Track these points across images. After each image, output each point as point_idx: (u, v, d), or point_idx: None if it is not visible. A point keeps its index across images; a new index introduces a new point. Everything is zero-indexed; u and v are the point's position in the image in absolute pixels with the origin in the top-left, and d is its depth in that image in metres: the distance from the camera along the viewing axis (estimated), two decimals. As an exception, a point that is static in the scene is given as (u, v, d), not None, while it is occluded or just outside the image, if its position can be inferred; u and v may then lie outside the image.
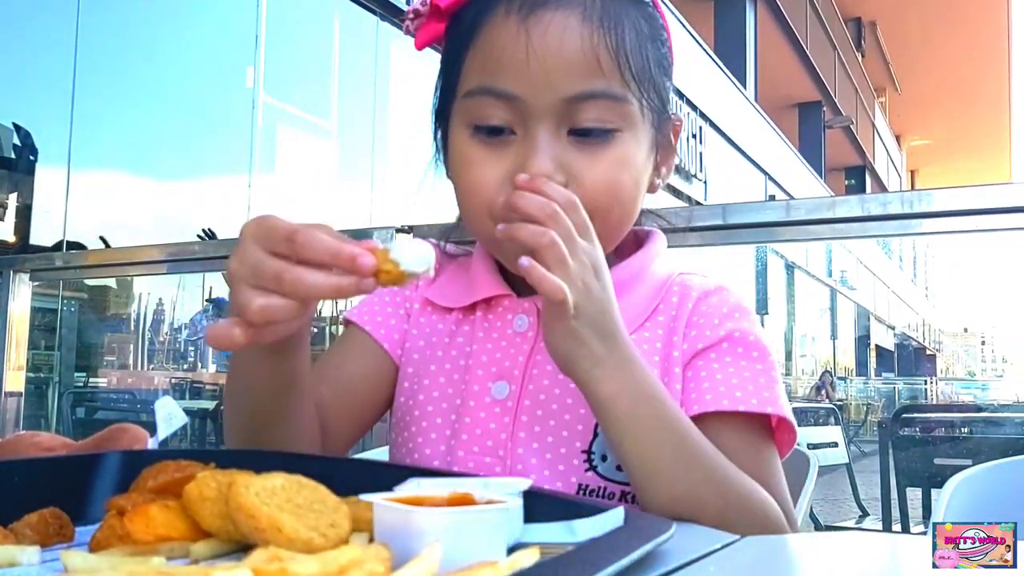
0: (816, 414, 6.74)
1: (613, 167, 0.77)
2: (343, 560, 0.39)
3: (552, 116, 0.76)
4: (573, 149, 0.76)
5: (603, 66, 0.75)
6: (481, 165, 0.78)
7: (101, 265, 2.81)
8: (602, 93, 0.76)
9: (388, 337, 0.90)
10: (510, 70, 0.75)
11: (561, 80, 0.75)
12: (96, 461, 0.63)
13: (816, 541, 0.53)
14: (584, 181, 0.76)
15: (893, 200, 1.55)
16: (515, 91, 0.75)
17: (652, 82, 0.79)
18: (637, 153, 0.79)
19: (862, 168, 26.43)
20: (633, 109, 0.78)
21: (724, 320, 0.81)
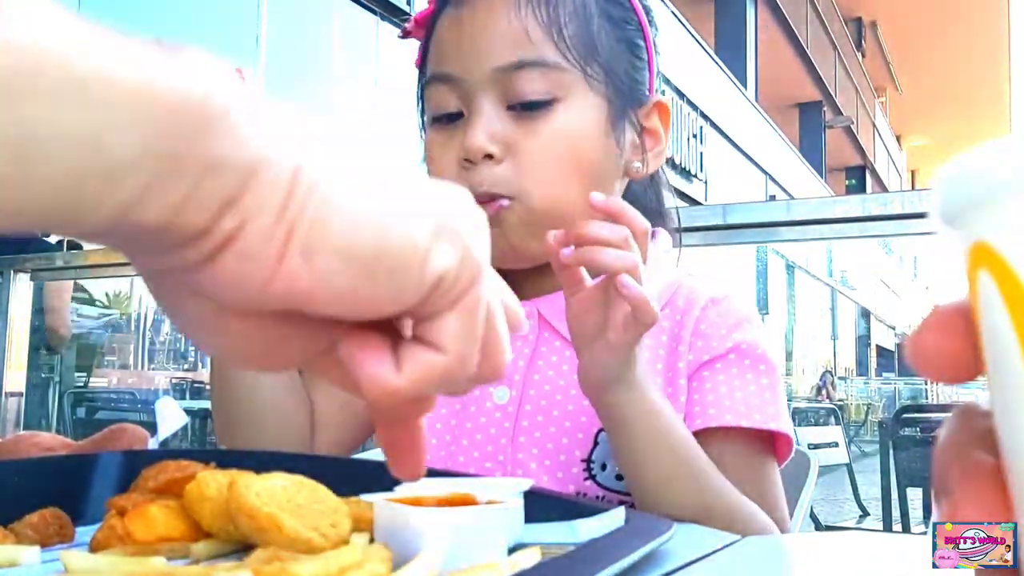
0: (817, 414, 6.73)
1: (551, 138, 0.77)
2: (344, 560, 0.39)
3: (488, 91, 0.77)
4: (512, 123, 0.77)
5: (532, 37, 0.77)
6: (437, 151, 0.81)
7: (102, 265, 2.80)
8: (532, 61, 0.76)
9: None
10: (449, 53, 0.80)
11: (490, 53, 0.77)
12: (96, 461, 0.63)
13: (817, 541, 0.53)
14: (520, 152, 0.77)
15: (894, 200, 1.55)
16: (453, 71, 0.79)
17: (597, 53, 0.79)
18: (582, 123, 0.79)
19: (863, 168, 26.43)
20: (572, 77, 0.78)
21: (731, 331, 0.81)
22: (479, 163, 0.76)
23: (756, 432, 0.77)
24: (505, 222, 0.77)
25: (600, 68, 0.79)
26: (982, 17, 23.84)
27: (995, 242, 0.24)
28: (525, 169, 0.77)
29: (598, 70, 0.79)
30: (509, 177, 0.77)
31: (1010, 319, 0.24)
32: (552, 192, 0.78)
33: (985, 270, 0.25)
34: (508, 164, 0.77)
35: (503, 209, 0.77)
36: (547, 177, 0.77)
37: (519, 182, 0.77)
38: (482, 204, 0.75)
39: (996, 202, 0.24)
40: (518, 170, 0.77)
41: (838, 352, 22.30)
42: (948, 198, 0.26)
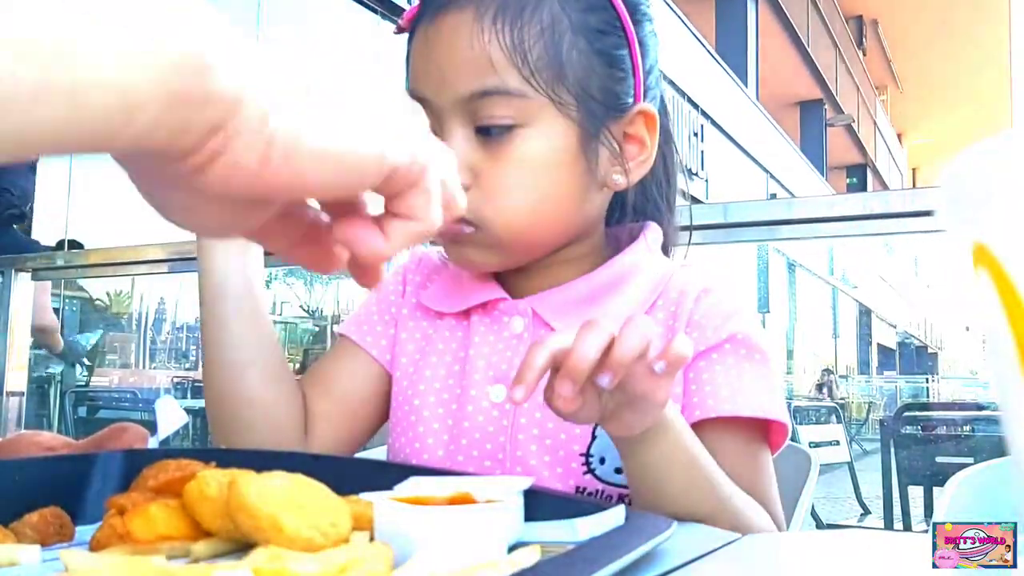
0: (818, 412, 6.73)
1: (514, 166, 0.77)
2: (343, 559, 0.39)
3: (457, 116, 0.77)
4: (480, 149, 0.77)
5: (495, 63, 0.75)
6: None
7: (103, 264, 2.80)
8: (495, 90, 0.75)
9: (376, 344, 0.90)
10: (419, 75, 0.79)
11: (456, 80, 0.76)
12: (96, 460, 0.63)
13: (817, 539, 0.53)
14: (483, 179, 0.77)
15: (895, 198, 1.55)
16: (424, 94, 0.78)
17: (564, 75, 0.77)
18: (546, 151, 0.77)
19: (864, 166, 26.43)
20: (538, 104, 0.76)
21: (726, 321, 0.81)
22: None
23: (751, 422, 0.78)
24: (465, 244, 0.79)
25: (569, 91, 0.77)
26: (983, 15, 23.82)
27: (990, 243, 0.24)
28: (488, 197, 0.77)
29: (567, 94, 0.77)
30: (472, 204, 0.74)
31: (1006, 319, 0.24)
32: (514, 220, 0.78)
33: (984, 270, 0.25)
34: (474, 191, 0.76)
35: (462, 235, 0.78)
36: (509, 205, 0.77)
37: (481, 210, 0.77)
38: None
39: (991, 204, 0.24)
40: (482, 197, 0.76)
41: (839, 350, 22.30)
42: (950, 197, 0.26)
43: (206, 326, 0.84)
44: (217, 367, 0.83)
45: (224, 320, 0.82)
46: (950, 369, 30.25)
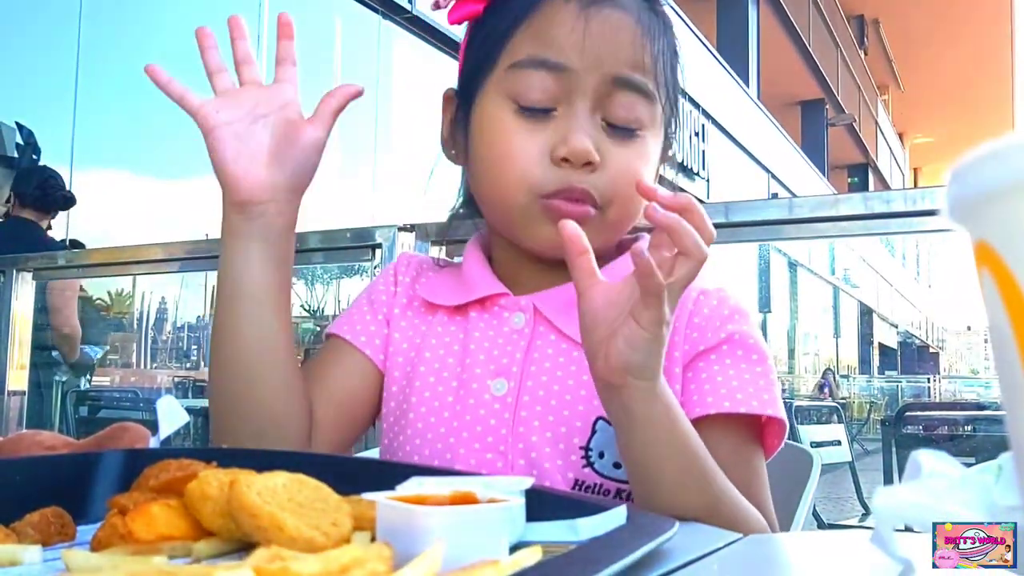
0: (819, 412, 6.73)
1: (638, 159, 0.82)
2: (345, 559, 0.39)
3: (593, 96, 0.79)
4: (604, 134, 0.80)
5: (644, 65, 0.81)
6: (521, 136, 0.81)
7: (104, 264, 2.81)
8: (641, 85, 0.80)
9: (370, 344, 0.90)
10: (565, 45, 0.79)
11: (612, 60, 0.79)
12: (98, 460, 0.63)
13: (819, 539, 0.53)
14: (612, 166, 0.80)
15: (896, 198, 1.55)
16: (567, 63, 0.79)
17: (674, 91, 0.86)
18: (654, 155, 0.84)
19: (865, 166, 26.42)
20: (658, 111, 0.83)
21: (725, 322, 0.82)
22: (578, 167, 0.79)
23: (747, 420, 0.79)
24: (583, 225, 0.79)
25: (671, 104, 0.86)
26: (985, 14, 23.81)
27: (993, 242, 0.25)
28: (614, 181, 0.80)
29: (671, 107, 0.86)
30: (601, 186, 0.80)
31: (1008, 317, 0.24)
32: (629, 209, 0.82)
33: (986, 268, 0.25)
34: (600, 173, 0.80)
35: (588, 215, 0.80)
36: (629, 197, 0.81)
37: (607, 193, 0.80)
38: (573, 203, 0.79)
39: (994, 203, 0.24)
40: (609, 181, 0.80)
41: (840, 350, 22.30)
42: (954, 196, 0.26)
43: (219, 327, 0.83)
44: (228, 374, 0.82)
45: (238, 323, 0.81)
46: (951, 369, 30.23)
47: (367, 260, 2.12)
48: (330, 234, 2.22)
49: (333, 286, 8.72)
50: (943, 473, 0.34)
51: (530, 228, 0.83)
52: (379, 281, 0.96)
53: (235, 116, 0.79)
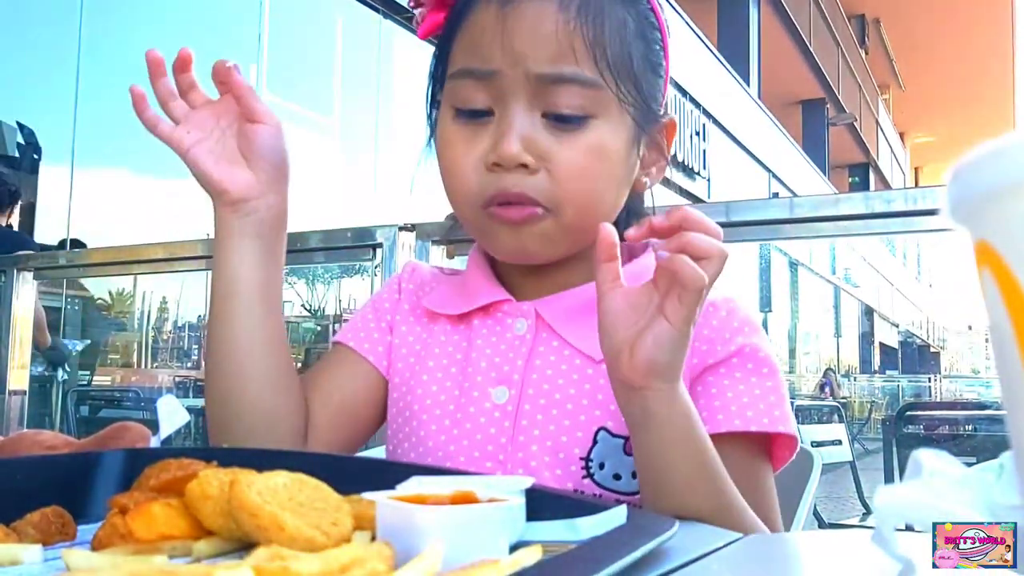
0: (820, 412, 6.73)
1: (585, 153, 0.78)
2: (345, 559, 0.39)
3: (525, 95, 0.77)
4: (546, 132, 0.77)
5: (576, 53, 0.76)
6: (459, 146, 0.80)
7: (104, 264, 2.81)
8: (573, 77, 0.76)
9: (373, 351, 0.90)
10: (488, 50, 0.78)
11: (534, 58, 0.76)
12: (98, 459, 0.63)
13: (820, 539, 0.53)
14: (555, 164, 0.77)
15: (897, 197, 1.55)
16: (490, 67, 0.77)
17: (632, 76, 0.79)
18: (613, 143, 0.79)
19: (866, 165, 26.41)
20: (607, 96, 0.78)
21: (735, 335, 0.81)
22: (511, 170, 0.77)
23: (757, 437, 0.78)
24: (531, 229, 0.79)
25: (633, 88, 0.79)
26: (986, 14, 23.79)
27: (993, 241, 0.25)
28: (561, 182, 0.77)
29: (632, 90, 0.79)
30: (544, 188, 0.77)
31: (1008, 316, 0.24)
32: (585, 207, 0.79)
33: (987, 268, 0.25)
34: (543, 175, 0.77)
35: (535, 216, 0.78)
36: (583, 190, 0.78)
37: (554, 194, 0.77)
38: (512, 205, 0.77)
39: (994, 203, 0.24)
40: (553, 181, 0.77)
41: (841, 350, 22.28)
42: (955, 196, 0.27)
43: (213, 326, 0.83)
44: (222, 371, 0.83)
45: (232, 321, 0.82)
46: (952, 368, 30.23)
47: (368, 260, 2.12)
48: (331, 234, 2.22)
49: (334, 286, 8.73)
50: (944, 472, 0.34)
51: (486, 238, 0.83)
52: (383, 290, 0.96)
53: (204, 134, 0.82)
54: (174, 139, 0.82)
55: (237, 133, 0.83)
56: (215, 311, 0.83)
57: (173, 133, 0.82)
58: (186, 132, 0.82)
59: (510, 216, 0.78)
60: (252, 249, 0.83)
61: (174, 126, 0.82)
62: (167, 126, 0.82)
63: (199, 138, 0.82)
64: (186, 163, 0.83)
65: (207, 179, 0.82)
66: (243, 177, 0.82)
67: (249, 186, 0.82)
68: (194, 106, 0.83)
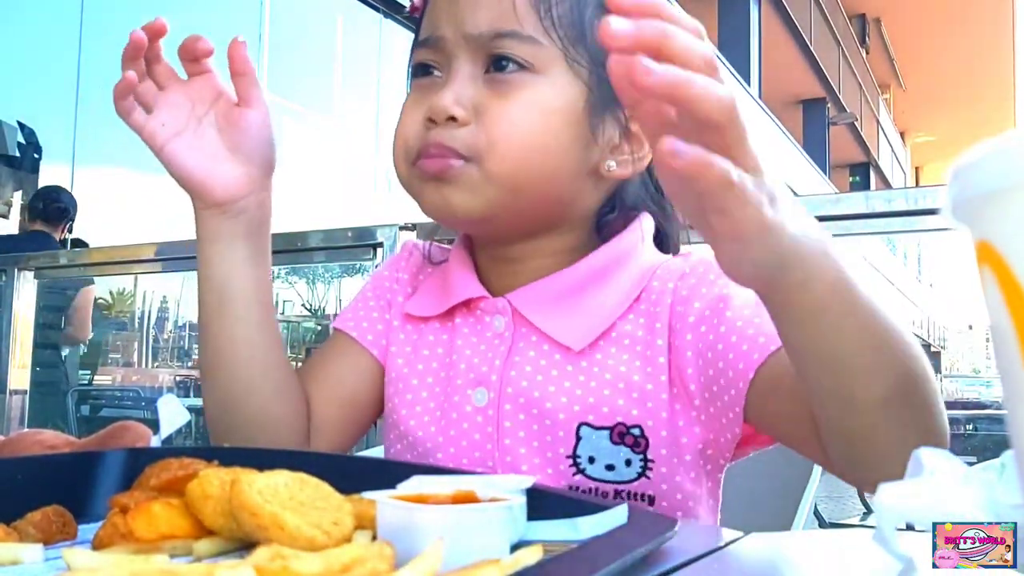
0: (820, 411, 6.69)
1: (519, 106, 0.75)
2: (346, 558, 0.39)
3: (466, 55, 0.76)
4: (486, 88, 0.76)
5: (517, 9, 0.75)
6: (407, 109, 0.79)
7: (105, 263, 2.81)
8: (511, 32, 0.75)
9: (376, 343, 0.88)
10: (438, 19, 0.78)
11: (474, 18, 0.75)
12: (99, 459, 0.63)
13: (820, 538, 0.53)
14: (485, 115, 0.75)
15: (898, 197, 1.55)
16: (440, 34, 0.77)
17: (583, 37, 0.76)
18: (554, 100, 0.76)
19: (866, 165, 26.39)
20: (551, 54, 0.75)
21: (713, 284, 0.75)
22: (442, 124, 0.75)
23: None
24: (452, 181, 0.76)
25: (585, 52, 0.76)
26: (987, 13, 23.78)
27: (994, 241, 0.25)
28: (488, 131, 0.74)
29: (583, 53, 0.76)
30: (468, 139, 0.75)
31: (1009, 314, 0.24)
32: (511, 158, 0.75)
33: (988, 267, 0.25)
34: (472, 127, 0.75)
35: (452, 168, 0.75)
36: (506, 139, 0.74)
37: (478, 144, 0.74)
38: (431, 159, 0.75)
39: (994, 202, 0.24)
40: (481, 132, 0.75)
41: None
42: (955, 195, 0.27)
43: (207, 337, 0.81)
44: (221, 383, 0.81)
45: (228, 331, 0.79)
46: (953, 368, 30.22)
47: (368, 259, 2.12)
48: (331, 233, 2.23)
49: (334, 285, 8.73)
50: (945, 471, 0.34)
51: (417, 199, 0.80)
52: (385, 273, 0.94)
53: (180, 125, 0.77)
54: (147, 130, 0.77)
55: (221, 121, 0.78)
56: (207, 321, 0.80)
57: (147, 124, 0.77)
58: (161, 124, 0.77)
59: (427, 167, 0.76)
60: (242, 252, 0.79)
61: (147, 117, 0.77)
62: (140, 115, 0.77)
63: (176, 130, 0.77)
64: (161, 160, 0.77)
65: (187, 177, 0.77)
66: (229, 174, 0.78)
67: (237, 185, 0.78)
68: (161, 84, 0.78)
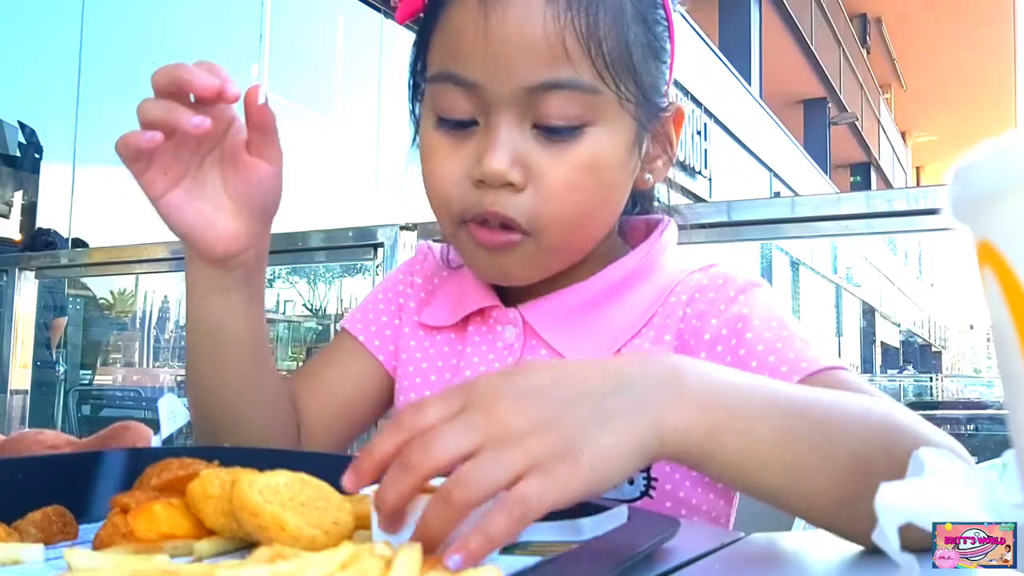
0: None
1: (580, 167, 0.70)
2: (345, 557, 0.39)
3: (514, 107, 0.69)
4: (536, 144, 0.70)
5: (570, 53, 0.67)
6: (442, 156, 0.73)
7: (106, 263, 2.81)
8: (568, 83, 0.68)
9: (383, 349, 0.87)
10: (470, 56, 0.69)
11: (522, 68, 0.67)
12: (100, 459, 0.63)
13: (820, 538, 0.53)
14: (545, 181, 0.70)
15: (899, 197, 1.55)
16: (474, 79, 0.69)
17: (632, 70, 0.71)
18: (612, 150, 0.71)
19: (867, 165, 26.39)
20: (606, 100, 0.70)
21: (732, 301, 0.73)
22: (496, 187, 0.70)
23: None
24: (510, 254, 0.73)
25: (633, 85, 0.71)
26: (987, 13, 23.77)
27: (995, 241, 0.25)
28: (547, 201, 0.70)
29: (632, 88, 0.71)
30: (528, 209, 0.70)
31: (1010, 315, 0.24)
32: (572, 226, 0.72)
33: (989, 267, 0.25)
34: (529, 193, 0.70)
35: (512, 244, 0.72)
36: (568, 211, 0.71)
37: (538, 215, 0.70)
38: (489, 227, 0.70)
39: (996, 203, 0.24)
40: (539, 201, 0.70)
41: (843, 349, 22.27)
42: (956, 195, 0.27)
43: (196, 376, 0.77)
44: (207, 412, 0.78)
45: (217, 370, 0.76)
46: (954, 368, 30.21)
47: (369, 259, 2.12)
48: (332, 233, 2.23)
49: (335, 285, 8.73)
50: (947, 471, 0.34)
51: (463, 255, 0.77)
52: (398, 277, 0.92)
53: (181, 171, 0.69)
54: (144, 180, 0.68)
55: (228, 167, 0.70)
56: (196, 361, 0.76)
57: (145, 173, 0.68)
58: (162, 173, 0.68)
59: (485, 240, 0.72)
60: (236, 301, 0.74)
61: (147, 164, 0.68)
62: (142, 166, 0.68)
63: (176, 178, 0.68)
64: (157, 210, 0.69)
65: (186, 232, 0.70)
66: (230, 228, 0.70)
67: (238, 239, 0.71)
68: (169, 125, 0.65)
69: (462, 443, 0.42)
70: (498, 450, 0.42)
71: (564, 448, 0.42)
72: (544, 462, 0.42)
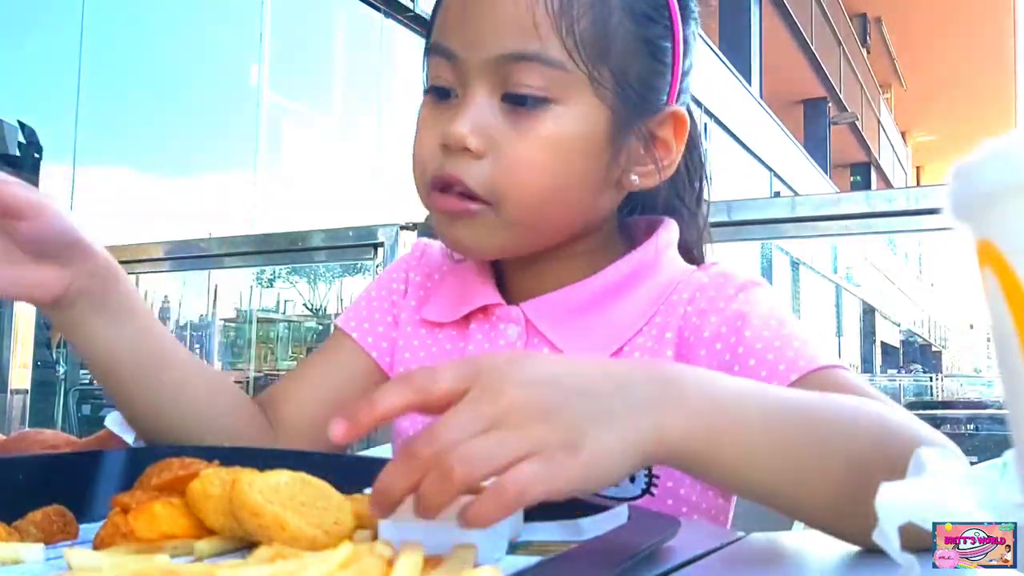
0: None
1: (539, 144, 0.71)
2: (345, 557, 0.39)
3: (484, 77, 0.72)
4: (502, 116, 0.72)
5: (539, 27, 0.70)
6: (425, 126, 0.76)
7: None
8: (534, 55, 0.70)
9: (376, 346, 0.87)
10: (452, 27, 0.74)
11: (492, 38, 0.71)
12: (100, 458, 0.63)
13: (819, 538, 0.53)
14: (503, 152, 0.71)
15: (899, 196, 1.55)
16: (452, 48, 0.73)
17: (611, 55, 0.72)
18: (578, 133, 0.72)
19: (867, 164, 26.38)
20: (575, 80, 0.71)
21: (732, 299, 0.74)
22: (457, 152, 0.72)
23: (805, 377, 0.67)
24: (469, 224, 0.74)
25: (609, 72, 0.72)
26: (987, 13, 23.77)
27: (996, 240, 0.25)
28: (504, 172, 0.71)
29: (607, 74, 0.72)
30: (485, 178, 0.71)
31: (1011, 314, 0.24)
32: (531, 200, 0.72)
33: (989, 267, 0.25)
34: (490, 162, 0.71)
35: (469, 212, 0.73)
36: (530, 182, 0.72)
37: (495, 185, 0.72)
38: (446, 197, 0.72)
39: (996, 202, 0.25)
40: (497, 171, 0.71)
41: (843, 349, 22.27)
42: (956, 195, 0.27)
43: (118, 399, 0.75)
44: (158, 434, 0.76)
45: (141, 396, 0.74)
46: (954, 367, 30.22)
47: (369, 259, 2.12)
48: (332, 233, 2.23)
49: (335, 285, 8.73)
50: (947, 470, 0.34)
51: (436, 225, 0.77)
52: (392, 274, 0.91)
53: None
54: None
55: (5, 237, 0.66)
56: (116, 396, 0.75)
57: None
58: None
59: (443, 206, 0.74)
60: (106, 321, 0.72)
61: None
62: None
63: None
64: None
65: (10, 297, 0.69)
66: (41, 277, 0.67)
67: (55, 283, 0.68)
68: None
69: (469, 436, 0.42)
70: (503, 433, 0.43)
71: (566, 439, 0.43)
72: (546, 450, 0.43)
